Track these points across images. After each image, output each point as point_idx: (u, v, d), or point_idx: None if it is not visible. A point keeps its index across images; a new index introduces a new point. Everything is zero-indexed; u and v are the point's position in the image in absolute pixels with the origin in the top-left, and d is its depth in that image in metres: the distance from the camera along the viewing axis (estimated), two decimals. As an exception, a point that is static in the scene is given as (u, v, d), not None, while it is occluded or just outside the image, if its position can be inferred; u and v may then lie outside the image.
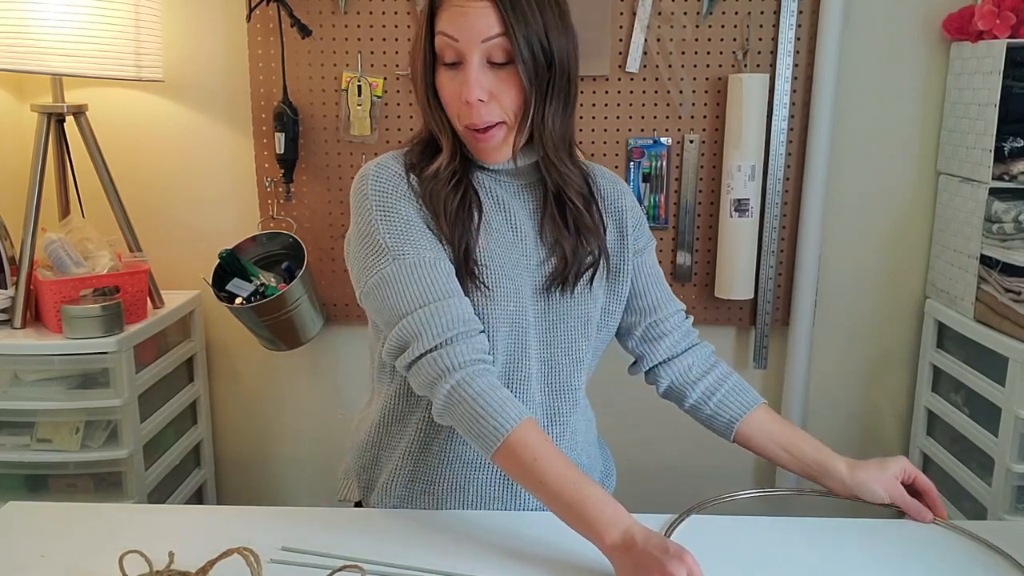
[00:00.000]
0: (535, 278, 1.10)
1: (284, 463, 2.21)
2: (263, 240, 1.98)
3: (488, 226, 1.08)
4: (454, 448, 1.12)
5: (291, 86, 1.93)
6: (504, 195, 1.11)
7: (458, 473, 1.12)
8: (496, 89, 1.01)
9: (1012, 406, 1.65)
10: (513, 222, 1.10)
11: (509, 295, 1.07)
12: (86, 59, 1.63)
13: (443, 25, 1.00)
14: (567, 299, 1.11)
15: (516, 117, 1.03)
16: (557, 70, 1.02)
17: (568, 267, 1.09)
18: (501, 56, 1.00)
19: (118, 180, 1.87)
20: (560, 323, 1.11)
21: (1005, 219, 1.70)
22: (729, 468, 2.13)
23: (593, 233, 1.11)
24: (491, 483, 1.13)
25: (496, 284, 1.06)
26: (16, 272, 1.77)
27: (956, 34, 1.85)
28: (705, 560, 0.90)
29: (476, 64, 1.00)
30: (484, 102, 1.01)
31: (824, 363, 2.08)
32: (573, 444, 1.17)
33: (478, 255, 1.06)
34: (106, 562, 0.92)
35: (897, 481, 1.10)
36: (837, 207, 1.99)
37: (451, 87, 1.02)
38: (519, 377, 1.10)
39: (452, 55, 1.01)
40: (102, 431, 1.76)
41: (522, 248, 1.10)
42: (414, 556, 1.00)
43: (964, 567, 0.98)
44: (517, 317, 1.08)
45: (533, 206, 1.12)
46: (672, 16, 1.89)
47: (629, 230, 1.18)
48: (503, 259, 1.08)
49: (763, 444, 1.18)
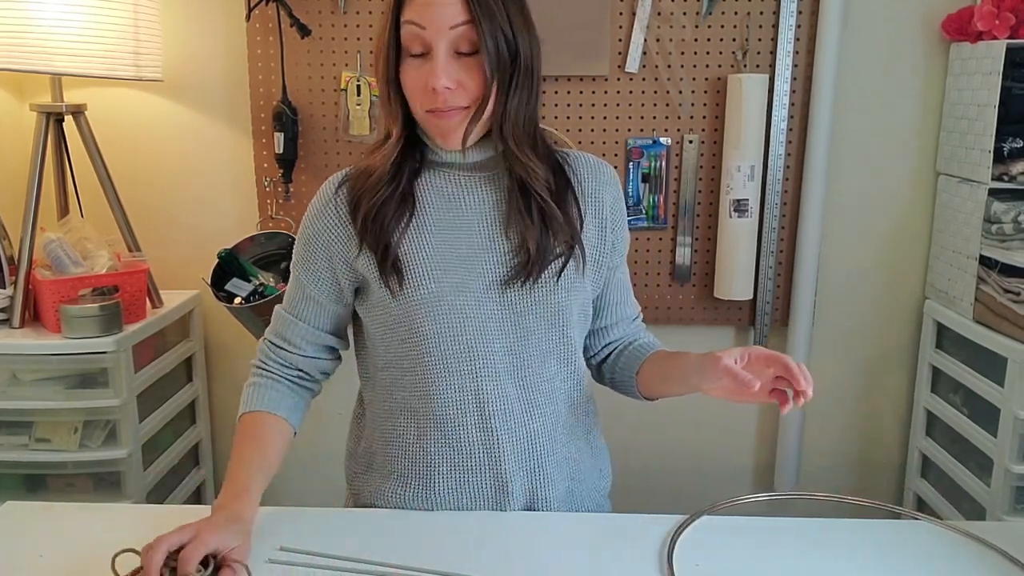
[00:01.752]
0: (497, 270, 1.10)
1: (283, 463, 2.20)
2: (262, 240, 1.98)
3: (424, 225, 1.11)
4: (442, 451, 1.12)
5: (290, 86, 1.93)
6: (456, 191, 1.12)
7: (448, 476, 1.13)
8: (461, 77, 1.03)
9: (1011, 406, 1.65)
10: (465, 217, 1.11)
11: (445, 291, 1.08)
12: (85, 59, 1.63)
13: (410, 14, 1.02)
14: (533, 291, 1.10)
15: (480, 102, 1.05)
16: (521, 64, 1.05)
17: (531, 261, 1.09)
18: (467, 46, 1.02)
19: (117, 180, 1.87)
20: (528, 314, 1.10)
21: (1004, 220, 1.70)
22: (729, 468, 2.13)
23: (563, 227, 1.10)
24: (481, 485, 1.13)
25: (421, 282, 1.08)
26: (15, 271, 1.77)
27: (955, 35, 1.85)
28: (711, 558, 0.90)
29: (443, 52, 1.02)
30: (451, 90, 1.02)
31: (823, 363, 2.08)
32: (553, 436, 1.16)
33: (401, 256, 1.09)
34: (105, 562, 0.92)
35: (735, 354, 1.02)
36: (836, 207, 1.99)
37: (416, 76, 1.04)
38: (487, 372, 1.10)
39: (419, 45, 1.03)
40: (101, 431, 1.76)
41: (476, 242, 1.11)
42: (411, 556, 1.00)
43: (964, 567, 0.98)
44: (467, 311, 1.08)
45: (496, 197, 1.12)
46: (672, 16, 1.89)
47: (608, 223, 1.17)
48: (440, 256, 1.09)
49: (654, 385, 1.19)
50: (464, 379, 1.10)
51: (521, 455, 1.13)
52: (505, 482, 1.12)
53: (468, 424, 1.11)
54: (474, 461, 1.12)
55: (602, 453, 1.28)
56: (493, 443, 1.11)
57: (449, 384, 1.10)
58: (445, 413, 1.11)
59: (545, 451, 1.14)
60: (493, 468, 1.12)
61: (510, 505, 1.13)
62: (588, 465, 1.22)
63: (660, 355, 1.20)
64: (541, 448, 1.14)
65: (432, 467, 1.13)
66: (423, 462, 1.14)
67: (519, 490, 1.13)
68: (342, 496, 1.30)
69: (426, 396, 1.11)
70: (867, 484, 2.16)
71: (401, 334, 1.11)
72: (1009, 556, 1.00)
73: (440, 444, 1.12)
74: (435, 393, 1.11)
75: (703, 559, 0.99)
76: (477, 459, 1.12)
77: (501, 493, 1.13)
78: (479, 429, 1.11)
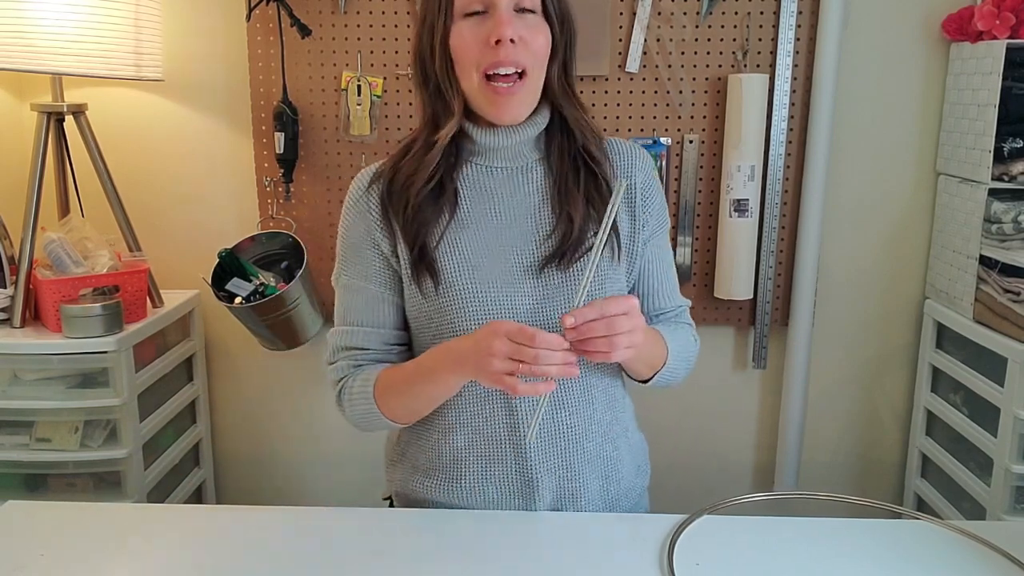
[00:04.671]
0: (535, 254, 1.09)
1: (283, 462, 2.21)
2: (262, 240, 1.98)
3: (461, 223, 1.10)
4: (469, 446, 1.12)
5: (291, 86, 1.93)
6: (491, 184, 1.12)
7: (474, 471, 1.12)
8: (524, 33, 1.03)
9: (1011, 406, 1.65)
10: (499, 209, 1.11)
11: (477, 288, 1.07)
12: (86, 58, 1.63)
13: None
14: (567, 279, 1.08)
15: (538, 67, 1.05)
16: (569, 26, 1.09)
17: (570, 236, 1.07)
18: (529, 3, 1.04)
19: (117, 180, 1.87)
20: (562, 304, 1.08)
21: (1004, 220, 1.70)
22: (729, 468, 2.13)
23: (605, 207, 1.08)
24: (508, 481, 1.12)
25: (454, 281, 1.07)
26: (15, 271, 1.77)
27: (956, 35, 1.85)
28: (711, 558, 0.90)
29: (507, 6, 1.02)
30: (515, 43, 1.02)
31: (823, 363, 2.08)
32: (586, 434, 1.13)
33: (438, 256, 1.08)
34: (105, 562, 0.92)
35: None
36: (836, 207, 1.99)
37: (474, 34, 1.03)
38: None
39: (479, 3, 1.03)
40: (101, 430, 1.76)
41: (512, 234, 1.10)
42: (409, 555, 1.00)
43: (964, 567, 0.99)
44: (499, 303, 1.07)
45: (534, 187, 1.12)
46: (672, 16, 1.89)
47: (639, 204, 1.15)
48: (475, 254, 1.09)
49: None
50: None
51: (549, 452, 1.11)
52: (532, 479, 1.11)
53: (495, 419, 1.10)
54: (500, 457, 1.11)
55: (640, 448, 1.25)
56: (519, 439, 1.10)
57: None
58: (472, 407, 1.11)
59: (576, 449, 1.13)
60: (520, 465, 1.11)
61: (537, 503, 1.12)
62: (626, 462, 1.20)
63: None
64: (572, 446, 1.12)
65: (459, 461, 1.12)
66: (450, 456, 1.13)
67: (547, 487, 1.12)
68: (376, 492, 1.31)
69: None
70: (867, 484, 2.16)
71: (432, 330, 1.10)
72: (1009, 556, 1.00)
73: (467, 438, 1.12)
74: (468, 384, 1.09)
75: (703, 559, 0.99)
76: (503, 455, 1.11)
77: (528, 489, 1.12)
78: (506, 425, 1.10)
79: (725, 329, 2.08)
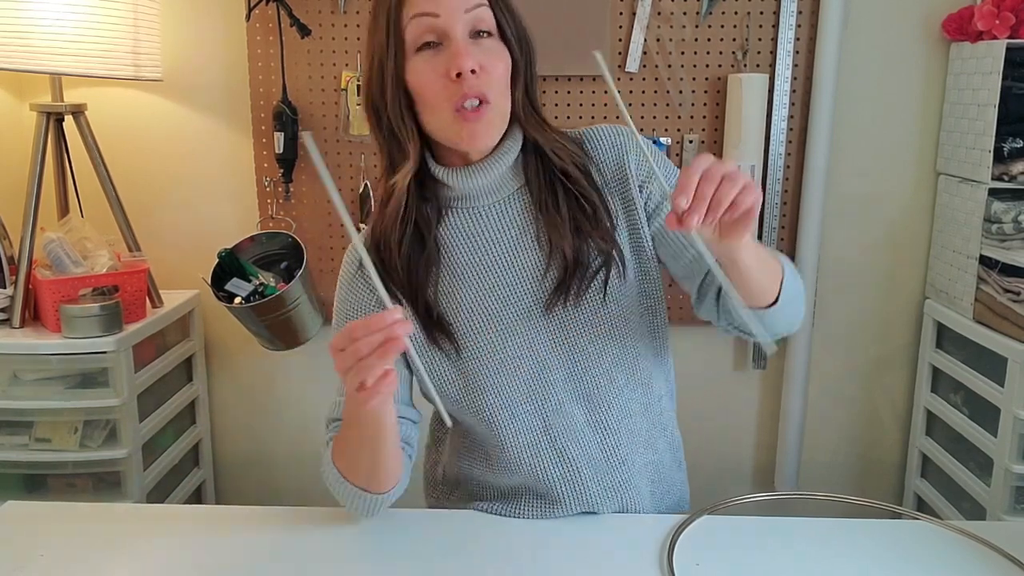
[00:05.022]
0: (539, 296, 1.05)
1: (283, 463, 2.21)
2: (262, 240, 1.98)
3: (457, 272, 1.06)
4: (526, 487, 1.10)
5: (290, 86, 1.93)
6: (478, 227, 1.06)
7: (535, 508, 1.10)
8: (484, 61, 0.97)
9: (1011, 406, 1.65)
10: (492, 252, 1.06)
11: (493, 341, 1.05)
12: (85, 58, 1.63)
13: (417, 6, 0.97)
14: (580, 310, 1.05)
15: (501, 93, 0.99)
16: (526, 44, 1.03)
17: (568, 269, 1.03)
18: (485, 25, 0.98)
19: (117, 180, 1.87)
20: (581, 336, 1.05)
21: (1004, 219, 1.70)
22: (729, 468, 2.13)
23: (595, 221, 1.04)
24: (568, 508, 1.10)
25: (466, 342, 1.04)
26: (15, 271, 1.77)
27: (956, 34, 1.85)
28: (711, 558, 0.90)
29: (462, 35, 0.97)
30: (476, 73, 0.96)
31: (823, 363, 2.08)
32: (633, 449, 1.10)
33: (443, 312, 1.05)
34: (105, 562, 0.92)
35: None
36: (836, 207, 1.99)
37: (433, 68, 0.97)
38: (551, 405, 1.07)
39: (432, 35, 0.97)
40: (101, 431, 1.76)
41: (511, 275, 1.06)
42: (406, 554, 1.00)
43: (964, 567, 0.98)
44: (520, 352, 1.05)
45: (520, 219, 1.06)
46: (671, 16, 1.89)
47: (633, 187, 1.08)
48: (480, 305, 1.05)
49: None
50: (532, 419, 1.07)
51: (605, 479, 1.10)
52: (593, 507, 1.10)
53: (545, 461, 1.08)
54: (557, 494, 1.09)
55: (678, 443, 1.22)
56: (574, 474, 1.08)
57: (517, 429, 1.07)
58: (520, 456, 1.08)
59: (628, 466, 1.11)
60: (579, 498, 1.09)
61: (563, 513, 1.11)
62: (669, 460, 1.18)
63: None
64: (625, 466, 1.10)
65: (519, 498, 1.11)
66: (510, 494, 1.12)
67: (608, 508, 1.11)
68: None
69: (497, 442, 1.08)
70: (867, 484, 2.16)
71: (456, 391, 1.08)
72: (1009, 556, 1.00)
73: (522, 482, 1.09)
74: (505, 438, 1.08)
75: (703, 559, 0.99)
76: (559, 492, 1.09)
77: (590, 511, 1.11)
78: (557, 464, 1.08)
79: (725, 329, 2.08)
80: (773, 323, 0.98)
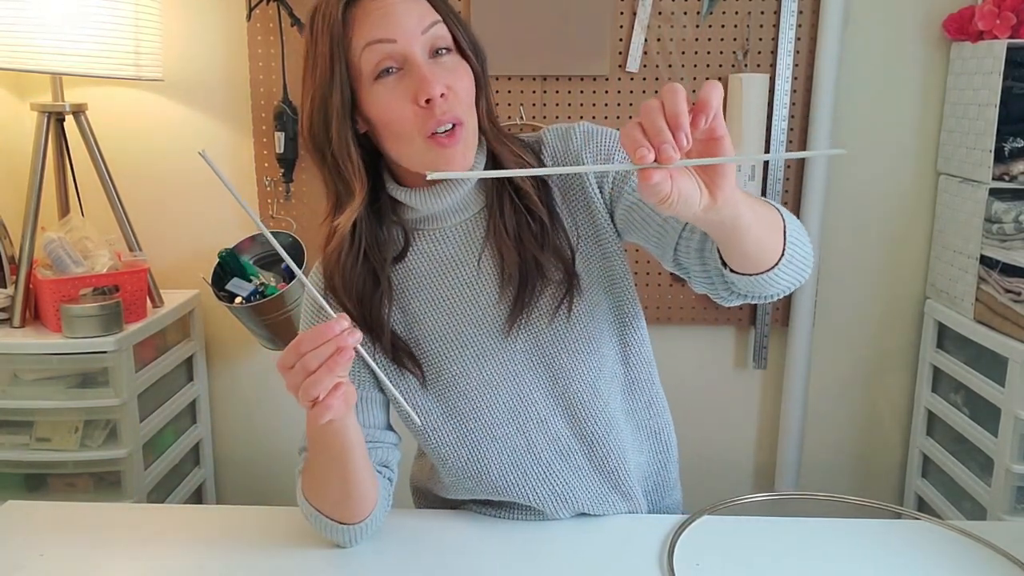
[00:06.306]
0: (502, 317, 1.03)
1: (284, 462, 2.21)
2: (263, 240, 1.98)
3: (420, 299, 1.04)
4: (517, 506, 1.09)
5: (291, 85, 1.92)
6: (437, 248, 1.04)
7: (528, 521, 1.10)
8: (450, 81, 0.92)
9: (1012, 407, 1.65)
10: (455, 273, 1.04)
11: (467, 368, 1.03)
12: (86, 58, 1.63)
13: (369, 33, 0.91)
14: (552, 327, 1.03)
15: (471, 112, 0.96)
16: (482, 53, 0.98)
17: (520, 291, 1.00)
18: (443, 42, 0.93)
19: (117, 179, 1.87)
20: (557, 355, 1.03)
21: (1005, 219, 1.70)
22: (729, 468, 2.13)
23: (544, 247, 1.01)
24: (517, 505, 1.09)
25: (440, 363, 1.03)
26: (15, 271, 1.77)
27: (956, 34, 1.85)
28: (711, 558, 0.90)
29: (423, 57, 0.92)
30: (445, 96, 0.91)
31: (824, 363, 2.08)
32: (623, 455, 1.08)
33: (416, 339, 1.03)
34: (105, 562, 0.92)
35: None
36: (837, 207, 1.99)
37: (396, 97, 0.92)
38: (532, 424, 1.05)
39: (390, 61, 0.91)
40: (101, 430, 1.76)
41: (475, 295, 1.03)
42: (405, 553, 1.00)
43: (964, 567, 0.98)
44: (495, 370, 1.04)
45: (484, 240, 1.03)
46: (672, 16, 1.89)
47: (593, 190, 1.04)
48: (446, 328, 1.03)
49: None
50: (514, 439, 1.06)
51: (595, 489, 1.09)
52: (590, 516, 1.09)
53: (532, 480, 1.07)
54: (548, 509, 1.08)
55: (672, 443, 1.18)
56: (562, 487, 1.07)
57: (499, 450, 1.06)
58: (505, 477, 1.06)
59: (619, 474, 1.09)
60: (569, 511, 1.08)
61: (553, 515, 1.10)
62: (662, 458, 1.17)
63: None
64: (616, 475, 1.09)
65: (511, 508, 1.10)
66: (500, 505, 1.11)
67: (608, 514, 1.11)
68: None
69: (481, 467, 1.06)
70: (867, 484, 2.16)
71: (435, 418, 1.06)
72: (1010, 556, 0.99)
73: (511, 500, 1.08)
74: (489, 463, 1.06)
75: (703, 559, 0.99)
76: (551, 508, 1.08)
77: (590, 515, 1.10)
78: (543, 482, 1.07)
79: (725, 329, 2.08)
80: (783, 279, 0.87)
